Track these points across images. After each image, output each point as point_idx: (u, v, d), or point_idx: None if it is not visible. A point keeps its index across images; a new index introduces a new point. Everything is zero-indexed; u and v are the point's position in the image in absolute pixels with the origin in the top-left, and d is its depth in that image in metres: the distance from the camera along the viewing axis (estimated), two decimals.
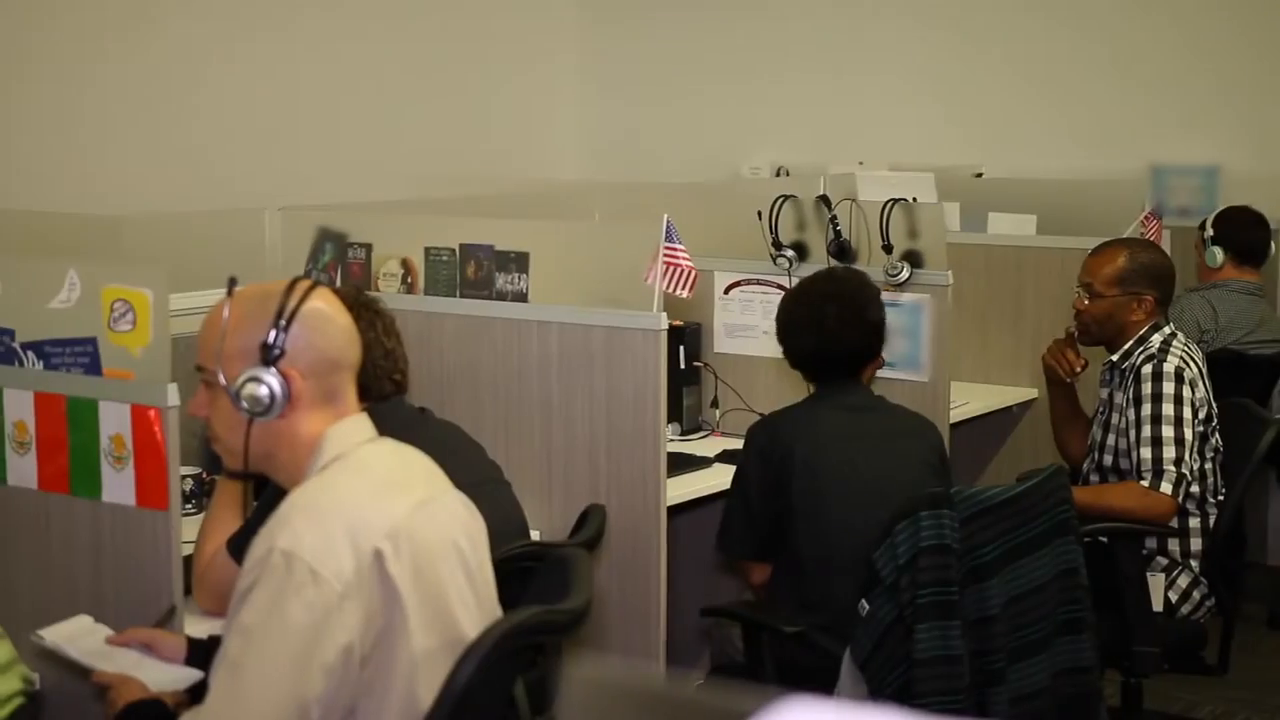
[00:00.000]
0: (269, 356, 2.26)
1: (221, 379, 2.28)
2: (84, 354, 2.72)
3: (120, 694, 2.34)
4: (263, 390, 2.26)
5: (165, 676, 2.43)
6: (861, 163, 6.08)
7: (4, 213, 3.97)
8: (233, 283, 2.31)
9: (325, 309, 2.33)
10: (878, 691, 3.04)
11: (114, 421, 2.67)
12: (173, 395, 2.58)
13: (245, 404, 2.26)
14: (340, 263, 4.19)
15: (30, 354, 2.79)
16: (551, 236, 3.86)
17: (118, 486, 2.68)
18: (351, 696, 2.20)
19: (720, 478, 4.04)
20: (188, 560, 2.79)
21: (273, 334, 2.26)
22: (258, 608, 2.16)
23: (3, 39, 4.41)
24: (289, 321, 2.27)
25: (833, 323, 3.59)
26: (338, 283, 4.13)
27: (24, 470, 2.78)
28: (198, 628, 2.67)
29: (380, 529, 2.21)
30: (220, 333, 2.28)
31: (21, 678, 2.31)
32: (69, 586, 2.72)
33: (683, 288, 3.53)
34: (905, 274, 4.26)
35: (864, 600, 3.07)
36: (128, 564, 2.67)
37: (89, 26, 4.64)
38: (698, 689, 0.87)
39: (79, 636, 2.50)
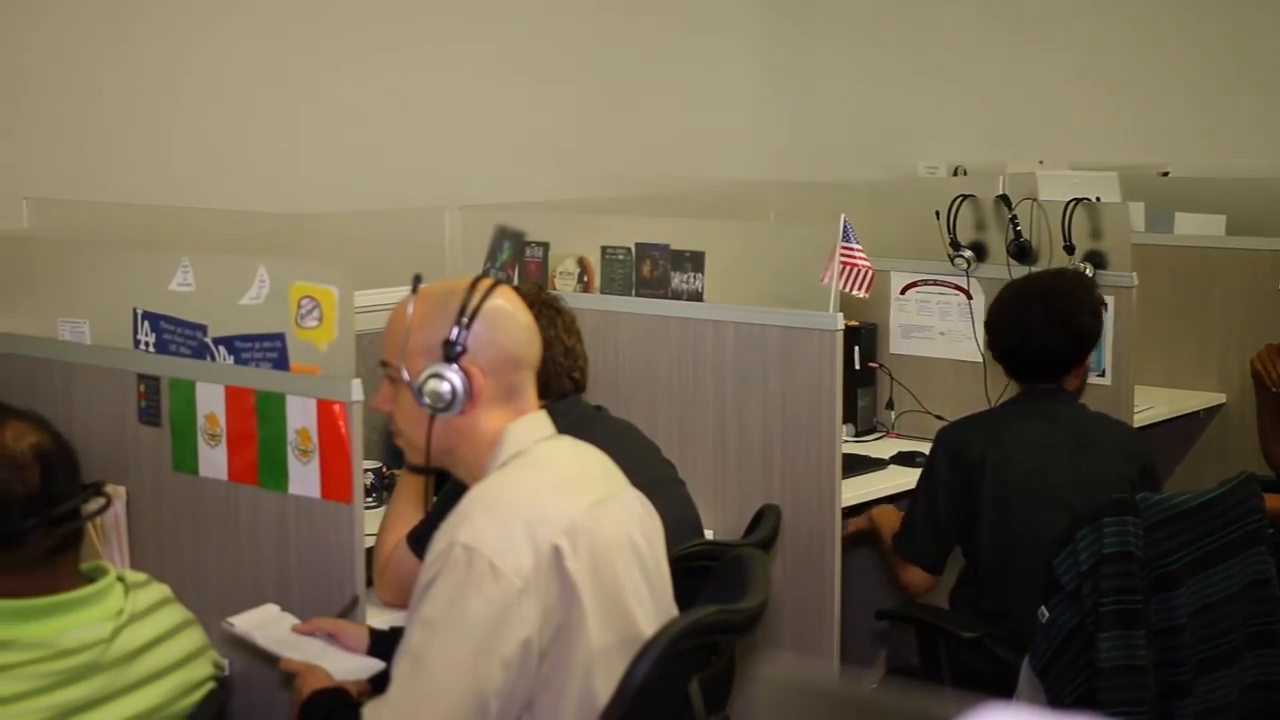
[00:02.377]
0: (451, 353, 2.29)
1: (405, 375, 2.31)
2: (272, 349, 2.79)
3: (306, 681, 2.39)
4: (445, 386, 2.29)
5: (348, 665, 2.47)
6: (1042, 161, 5.97)
7: (198, 212, 4.09)
8: (417, 280, 2.35)
9: (507, 307, 2.36)
10: (1056, 700, 2.98)
11: (300, 416, 2.72)
12: (356, 390, 2.63)
13: (428, 400, 2.29)
14: (518, 261, 4.24)
15: (221, 349, 2.86)
16: (727, 236, 3.85)
17: (303, 479, 2.73)
18: (529, 691, 2.22)
19: (895, 480, 4.00)
20: (369, 553, 2.84)
21: (455, 331, 2.29)
22: (439, 601, 2.19)
23: (199, 54, 4.55)
24: (471, 319, 2.30)
25: (1036, 321, 3.52)
26: (515, 281, 4.17)
27: (215, 462, 2.85)
28: (378, 619, 2.72)
29: (558, 525, 2.23)
30: (404, 329, 2.32)
31: (212, 663, 2.37)
32: (256, 575, 2.79)
33: (859, 288, 3.50)
34: (1089, 275, 4.17)
35: (1043, 607, 3.01)
36: (312, 555, 2.73)
37: (277, 33, 4.75)
38: (875, 692, 0.85)
39: (267, 624, 2.56)
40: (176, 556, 2.90)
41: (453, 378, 2.29)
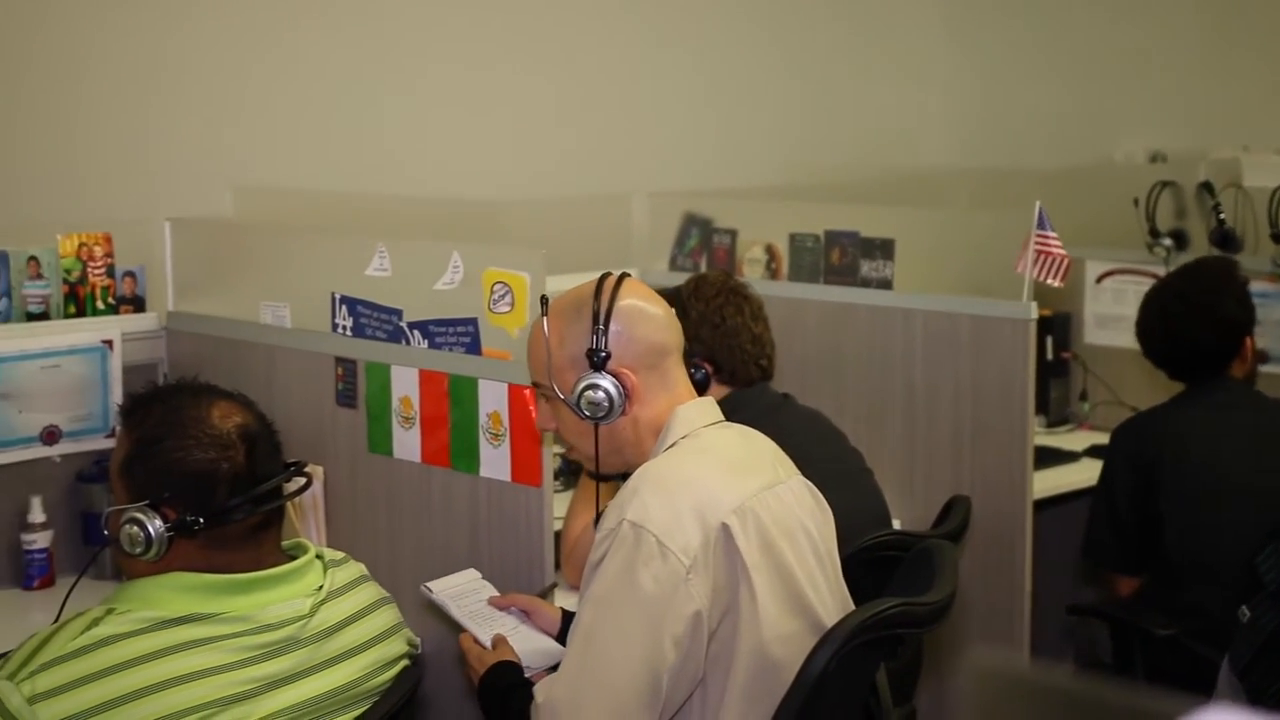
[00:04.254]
0: (598, 361, 2.31)
1: (559, 393, 2.34)
2: (465, 334, 2.83)
3: (484, 659, 2.42)
4: (600, 395, 2.31)
5: (534, 647, 2.50)
6: (1246, 147, 5.78)
7: (394, 198, 4.17)
8: (544, 301, 2.37)
9: (637, 302, 2.36)
10: (1258, 701, 2.88)
11: (492, 400, 2.76)
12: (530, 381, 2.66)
13: (588, 411, 2.32)
14: (706, 248, 4.25)
15: (416, 333, 2.92)
16: (918, 223, 3.81)
17: (494, 462, 2.77)
18: (700, 669, 2.22)
19: (1088, 473, 3.92)
20: (556, 536, 2.87)
21: (595, 339, 2.31)
22: (609, 578, 2.20)
23: (397, 46, 4.64)
24: (607, 323, 2.31)
25: (1179, 322, 3.44)
26: (703, 268, 4.18)
27: (409, 444, 2.91)
28: (565, 601, 2.75)
29: (728, 505, 2.22)
30: (545, 349, 2.34)
31: (407, 641, 2.42)
32: (448, 556, 2.84)
33: (1055, 276, 3.43)
34: (1231, 260, 4.03)
35: (1244, 606, 2.92)
36: (503, 537, 2.77)
37: (473, 26, 4.83)
38: (1089, 686, 0.83)
39: (464, 593, 2.60)
40: (371, 536, 2.97)
41: (606, 385, 2.30)
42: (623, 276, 2.38)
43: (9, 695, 1.98)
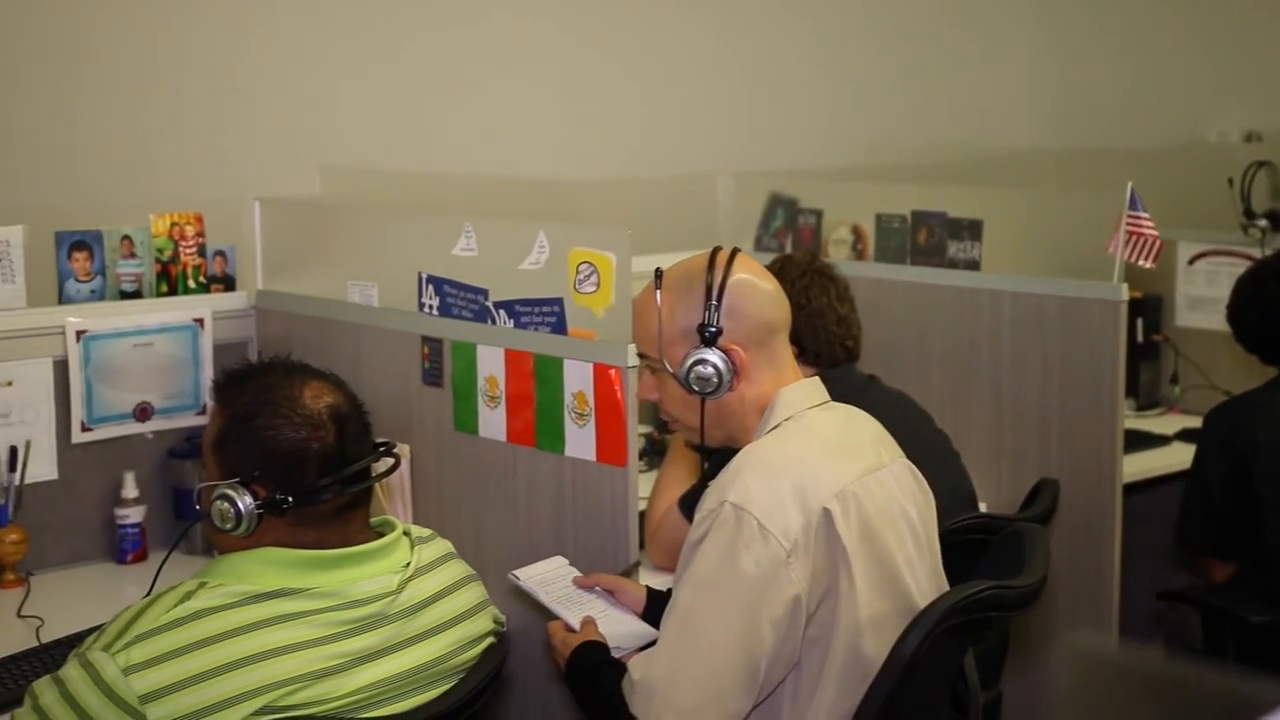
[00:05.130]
0: (709, 337, 2.30)
1: (667, 366, 2.34)
2: (551, 314, 2.84)
3: (569, 641, 2.43)
4: (709, 370, 2.31)
5: (623, 629, 2.50)
6: None
7: (480, 178, 4.19)
8: (659, 273, 2.36)
9: (749, 278, 2.36)
10: None
11: (577, 379, 2.77)
12: (632, 355, 2.65)
13: (696, 386, 2.32)
14: (791, 228, 4.23)
15: (502, 312, 2.93)
16: (1006, 204, 3.77)
17: (580, 442, 2.78)
18: (796, 652, 2.21)
19: (1179, 457, 3.87)
20: (641, 515, 2.87)
21: (707, 314, 2.30)
22: (708, 559, 2.20)
23: (481, 27, 4.65)
24: (719, 298, 2.31)
25: (1268, 305, 3.38)
26: (788, 248, 4.16)
27: (494, 423, 2.93)
28: (649, 581, 2.75)
29: (829, 489, 2.22)
30: (656, 321, 2.34)
31: (493, 619, 2.43)
32: (532, 535, 2.85)
33: (1147, 258, 3.38)
34: None
35: None
36: (588, 516, 2.78)
37: (558, 5, 4.83)
38: (1198, 673, 0.82)
39: (551, 579, 2.61)
40: (456, 514, 2.99)
41: (715, 360, 2.31)
42: (735, 251, 2.38)
43: (104, 666, 2.01)
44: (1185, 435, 4.04)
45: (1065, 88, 6.21)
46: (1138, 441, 3.93)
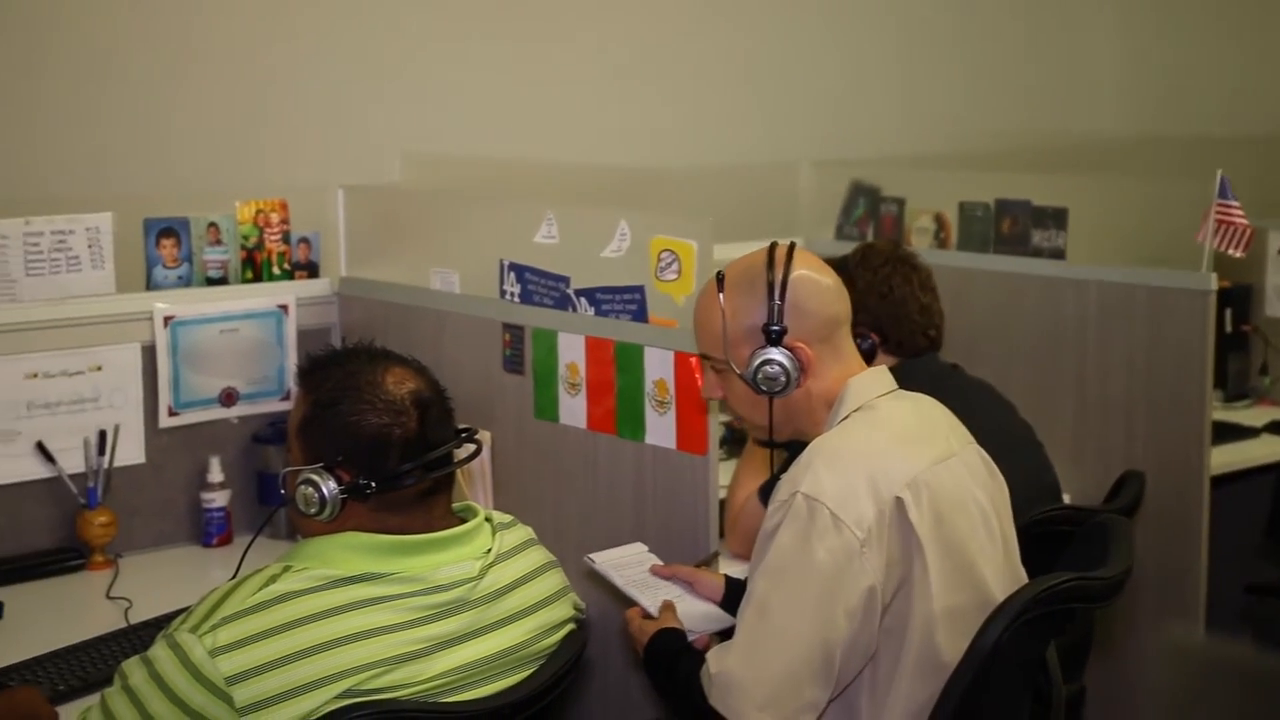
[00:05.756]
0: (773, 337, 2.30)
1: (733, 367, 2.33)
2: (632, 301, 2.84)
3: (646, 628, 2.43)
4: (775, 369, 2.30)
5: (698, 611, 2.50)
6: None
7: (560, 166, 4.19)
8: (720, 276, 2.36)
9: (810, 273, 2.35)
10: None
11: (658, 367, 2.77)
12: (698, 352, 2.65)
13: (763, 386, 2.32)
14: (872, 216, 4.21)
15: (583, 300, 2.93)
16: (1092, 192, 3.73)
17: (660, 430, 2.78)
18: (871, 643, 2.20)
19: (1268, 449, 3.82)
20: (721, 504, 2.87)
21: (770, 313, 2.30)
22: (782, 549, 2.19)
23: (564, 17, 4.66)
24: (782, 296, 2.30)
25: None
26: (869, 237, 4.14)
27: (575, 410, 2.93)
28: (729, 570, 2.74)
29: (901, 478, 2.21)
30: (720, 322, 2.33)
31: (573, 605, 2.44)
32: (613, 522, 2.85)
33: (1236, 247, 3.33)
34: None
35: None
36: (668, 505, 2.77)
37: None
38: None
39: (628, 564, 2.61)
40: (537, 501, 2.99)
41: (782, 359, 2.30)
42: (792, 246, 2.37)
43: (192, 647, 2.04)
44: (1274, 427, 3.98)
45: (1152, 73, 6.12)
46: (1225, 433, 3.88)
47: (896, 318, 3.14)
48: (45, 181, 3.79)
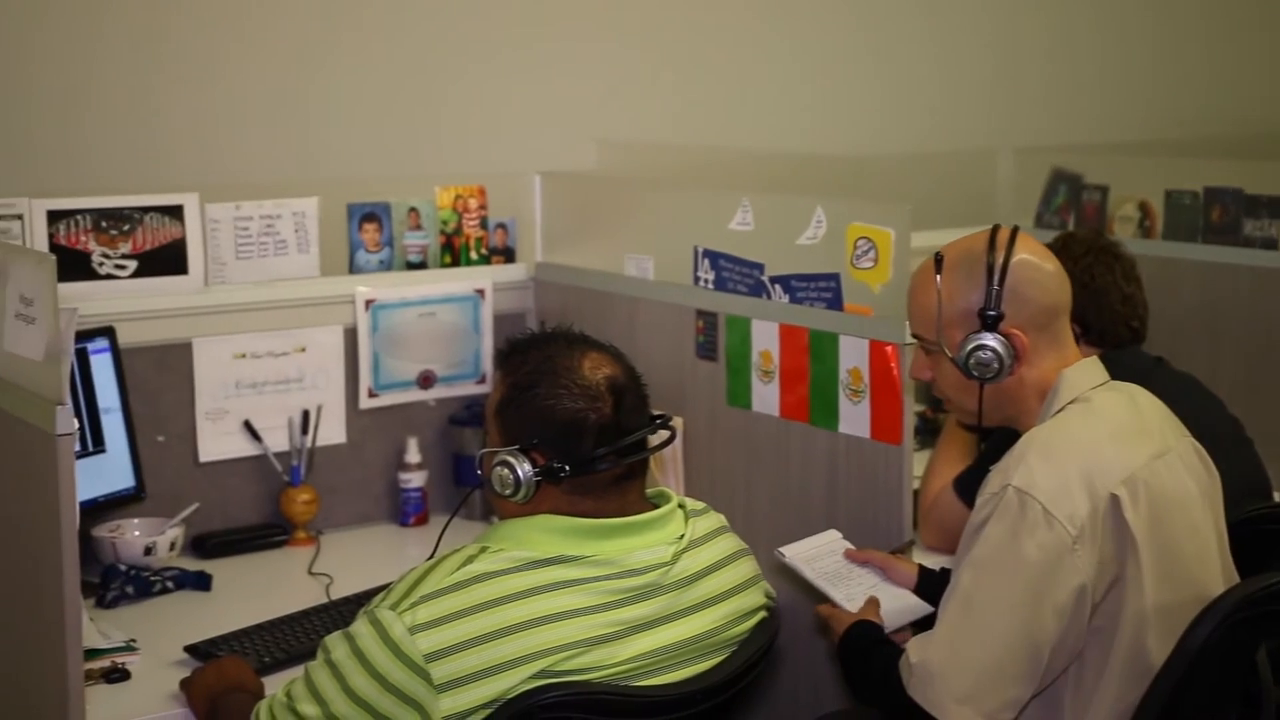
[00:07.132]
0: (990, 322, 2.25)
1: (945, 349, 2.29)
2: (827, 289, 2.82)
3: (843, 619, 2.41)
4: (989, 355, 2.26)
5: (896, 604, 2.48)
6: None
7: (754, 153, 4.19)
8: (939, 257, 2.31)
9: (1032, 258, 2.29)
10: None
11: (853, 356, 2.75)
12: (909, 333, 2.62)
13: (975, 371, 2.27)
14: (1074, 205, 4.12)
15: (777, 287, 2.92)
16: None
17: (854, 419, 2.75)
18: (1079, 642, 2.16)
19: None
20: (914, 495, 2.83)
21: (988, 298, 2.25)
22: (991, 543, 2.16)
23: (759, 6, 4.65)
24: (1001, 281, 2.25)
25: None
26: (1070, 226, 4.05)
27: (767, 397, 2.92)
28: (921, 561, 2.71)
29: (1117, 475, 2.16)
30: (935, 303, 2.29)
31: (764, 593, 2.43)
32: (804, 511, 2.84)
33: None
34: None
35: None
36: (860, 494, 2.75)
37: None
38: None
39: (819, 555, 2.59)
40: (728, 488, 2.99)
41: (996, 346, 2.26)
42: (1015, 230, 2.32)
43: (392, 625, 2.08)
44: None
45: None
46: None
47: (1098, 308, 3.06)
48: (255, 168, 3.90)
